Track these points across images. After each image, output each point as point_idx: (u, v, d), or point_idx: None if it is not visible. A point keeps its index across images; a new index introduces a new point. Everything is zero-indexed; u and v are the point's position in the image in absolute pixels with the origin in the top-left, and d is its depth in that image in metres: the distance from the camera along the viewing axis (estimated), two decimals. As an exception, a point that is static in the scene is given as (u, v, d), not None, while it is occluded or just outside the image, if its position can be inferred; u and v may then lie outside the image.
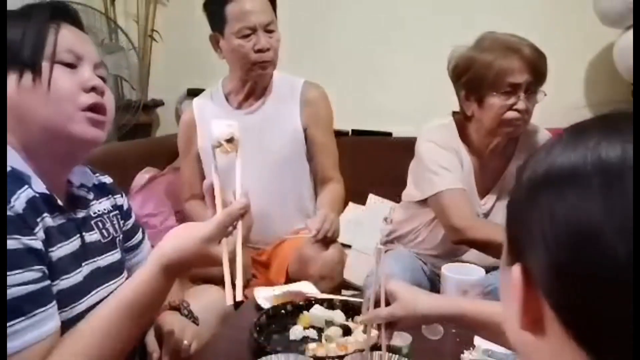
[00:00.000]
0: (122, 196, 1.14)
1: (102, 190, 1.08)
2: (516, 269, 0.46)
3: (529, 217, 0.45)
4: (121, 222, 1.11)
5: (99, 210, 1.04)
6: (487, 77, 1.52)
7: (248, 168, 1.84)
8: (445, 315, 0.97)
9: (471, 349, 1.12)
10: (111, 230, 1.05)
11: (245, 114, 1.88)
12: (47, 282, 0.81)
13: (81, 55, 0.91)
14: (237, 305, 1.65)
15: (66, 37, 0.90)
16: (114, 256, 1.03)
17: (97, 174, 1.10)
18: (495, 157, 1.65)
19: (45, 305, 0.79)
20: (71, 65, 0.89)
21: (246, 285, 1.81)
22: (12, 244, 0.76)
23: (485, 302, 1.09)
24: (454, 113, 1.69)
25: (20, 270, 0.76)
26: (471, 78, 1.56)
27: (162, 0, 2.95)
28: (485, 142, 1.62)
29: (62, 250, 0.88)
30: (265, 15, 1.76)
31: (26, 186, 0.83)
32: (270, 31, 1.77)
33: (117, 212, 1.10)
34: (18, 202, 0.80)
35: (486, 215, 1.67)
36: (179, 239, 0.85)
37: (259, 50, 1.75)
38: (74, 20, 0.95)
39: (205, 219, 0.89)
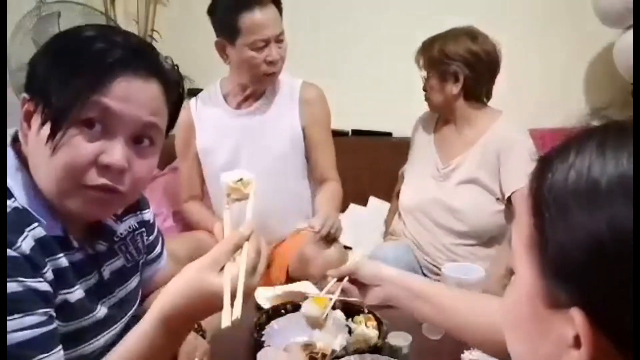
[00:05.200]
0: (149, 210, 1.05)
1: (129, 206, 0.96)
2: (577, 316, 0.39)
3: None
4: (145, 238, 1.04)
5: (121, 234, 0.95)
6: None
7: (249, 168, 1.87)
8: (406, 286, 0.98)
9: (471, 348, 1.12)
10: (134, 253, 0.98)
11: (244, 114, 1.88)
12: (53, 326, 0.75)
13: (124, 117, 0.77)
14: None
15: (118, 91, 0.76)
16: (132, 283, 0.98)
17: None
18: (464, 128, 1.81)
19: (49, 350, 0.73)
20: (105, 131, 0.77)
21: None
22: (13, 286, 0.70)
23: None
24: None
25: (21, 315, 0.70)
26: None
27: (162, 0, 2.94)
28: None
29: (79, 290, 0.83)
30: (278, 27, 1.75)
31: (36, 224, 0.76)
32: (280, 41, 1.77)
33: (143, 229, 1.03)
34: (25, 241, 0.73)
35: (444, 177, 1.80)
36: (173, 282, 0.74)
37: (270, 62, 1.75)
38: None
39: (206, 218, 0.87)
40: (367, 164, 2.35)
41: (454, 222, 1.75)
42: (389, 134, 2.59)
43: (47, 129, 0.75)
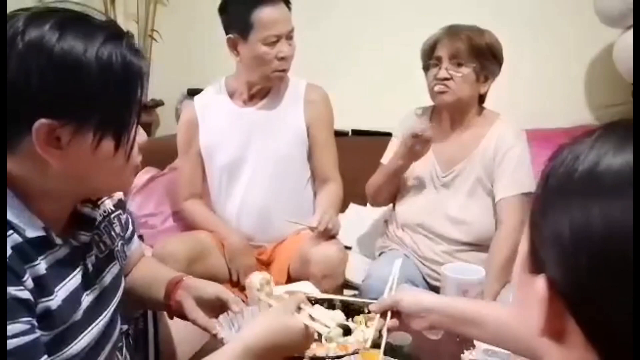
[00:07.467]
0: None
1: None
2: (541, 282, 0.43)
3: (556, 226, 0.42)
4: (122, 217, 1.03)
5: (98, 221, 0.93)
6: (423, 51, 1.77)
7: (253, 166, 1.87)
8: (449, 312, 0.97)
9: (471, 348, 1.13)
10: (108, 241, 0.95)
11: (251, 112, 1.88)
12: (37, 335, 0.73)
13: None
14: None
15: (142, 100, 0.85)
16: (111, 272, 0.95)
17: None
18: (463, 133, 1.74)
19: (36, 359, 0.72)
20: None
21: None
22: None
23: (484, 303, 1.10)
24: None
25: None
26: None
27: (162, 0, 2.95)
28: (444, 116, 1.78)
29: (62, 292, 0.80)
30: (289, 24, 1.78)
31: (11, 231, 0.73)
32: (290, 38, 1.79)
33: (119, 211, 1.02)
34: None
35: (445, 185, 1.74)
36: (259, 323, 0.90)
37: (282, 58, 1.76)
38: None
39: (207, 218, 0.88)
40: (367, 164, 2.34)
41: (456, 233, 1.69)
42: (389, 134, 2.59)
43: (108, 144, 0.78)
